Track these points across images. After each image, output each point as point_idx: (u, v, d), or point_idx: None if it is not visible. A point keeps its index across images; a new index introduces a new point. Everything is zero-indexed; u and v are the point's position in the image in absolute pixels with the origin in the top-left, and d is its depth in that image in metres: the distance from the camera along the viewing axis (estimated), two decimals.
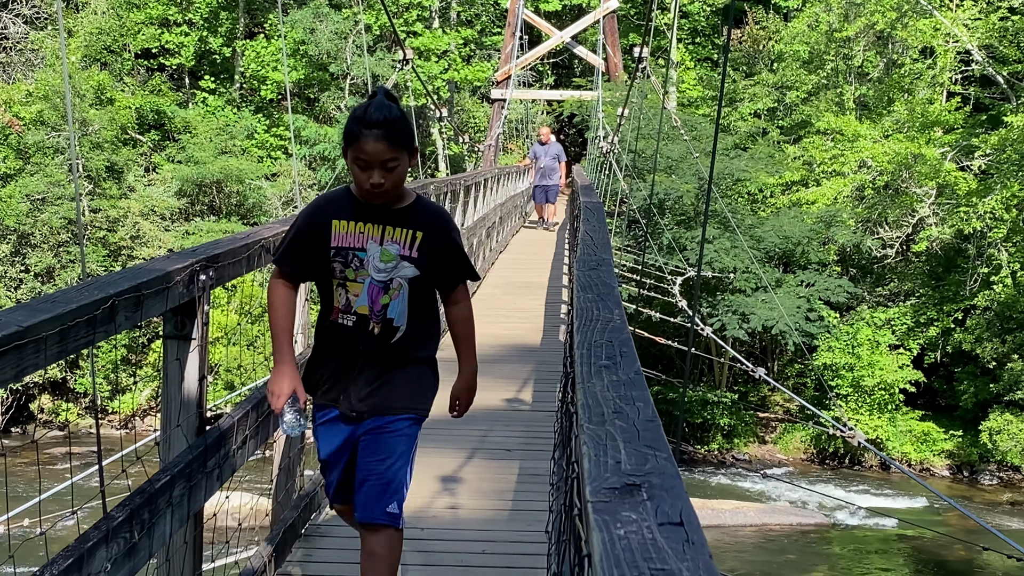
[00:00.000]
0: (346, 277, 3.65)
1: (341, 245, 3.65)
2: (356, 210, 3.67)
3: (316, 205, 3.77)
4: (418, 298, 3.70)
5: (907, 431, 25.13)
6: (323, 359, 3.76)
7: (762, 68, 36.20)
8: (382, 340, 3.67)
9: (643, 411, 2.12)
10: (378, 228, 3.65)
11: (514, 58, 36.11)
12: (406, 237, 3.65)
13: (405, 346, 3.71)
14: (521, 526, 5.83)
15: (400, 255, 3.64)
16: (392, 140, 3.52)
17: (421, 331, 3.74)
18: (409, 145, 3.59)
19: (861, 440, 8.60)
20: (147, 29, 38.74)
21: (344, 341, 3.69)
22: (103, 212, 30.28)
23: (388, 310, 3.66)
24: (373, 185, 3.55)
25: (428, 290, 3.74)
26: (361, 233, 3.65)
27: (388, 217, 3.66)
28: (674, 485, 1.68)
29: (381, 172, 3.54)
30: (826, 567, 19.30)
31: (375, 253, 3.64)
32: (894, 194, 27.94)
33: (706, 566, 1.41)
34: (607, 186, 25.65)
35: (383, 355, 3.69)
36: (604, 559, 1.43)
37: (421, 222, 3.68)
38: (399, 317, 3.67)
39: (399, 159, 3.56)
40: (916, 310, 26.53)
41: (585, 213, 8.27)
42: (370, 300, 3.64)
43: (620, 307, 3.49)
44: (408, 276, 3.65)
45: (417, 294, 3.69)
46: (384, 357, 3.69)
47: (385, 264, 3.64)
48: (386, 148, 3.51)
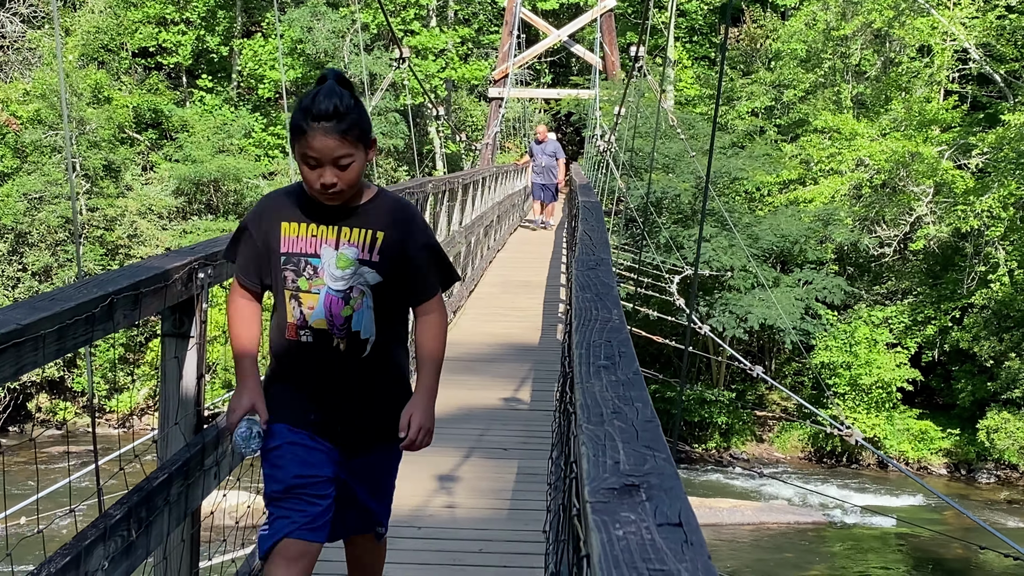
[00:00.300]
0: (299, 287, 3.21)
1: (291, 251, 3.22)
2: (307, 210, 3.23)
3: (262, 206, 3.31)
4: (386, 305, 3.27)
5: (905, 429, 25.14)
6: (284, 379, 3.33)
7: (759, 67, 36.17)
8: (351, 356, 3.25)
9: (642, 411, 2.12)
10: (333, 230, 3.21)
11: (511, 57, 36.10)
12: (364, 238, 3.21)
13: (378, 359, 3.29)
14: (518, 525, 5.83)
15: (359, 259, 3.20)
16: (345, 133, 3.07)
17: (394, 339, 3.33)
18: (365, 137, 3.15)
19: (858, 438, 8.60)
20: (144, 28, 38.70)
21: (307, 362, 3.26)
22: (100, 211, 30.26)
23: (352, 322, 3.22)
24: (324, 186, 3.10)
25: (396, 296, 3.29)
26: (314, 237, 3.22)
27: (344, 217, 3.21)
28: (673, 486, 1.68)
29: (333, 171, 3.10)
30: (824, 565, 19.31)
31: (330, 259, 3.20)
32: (891, 192, 27.95)
33: (705, 567, 1.41)
34: (604, 185, 25.65)
35: (355, 374, 3.27)
36: (603, 560, 1.43)
37: (382, 220, 3.23)
38: (367, 329, 3.24)
39: (354, 155, 3.11)
40: (913, 308, 26.54)
41: (584, 212, 8.27)
42: (328, 313, 3.20)
43: (619, 307, 3.49)
44: (370, 283, 3.22)
45: (384, 302, 3.26)
46: (357, 376, 3.27)
47: (342, 271, 3.20)
48: (338, 143, 3.07)
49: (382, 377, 3.32)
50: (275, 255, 3.24)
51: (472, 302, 14.39)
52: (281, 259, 3.23)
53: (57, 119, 30.62)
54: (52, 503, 14.63)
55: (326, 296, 3.20)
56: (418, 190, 10.71)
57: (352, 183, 3.15)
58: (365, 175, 3.26)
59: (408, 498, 6.16)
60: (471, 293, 14.97)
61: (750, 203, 28.90)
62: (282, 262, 3.23)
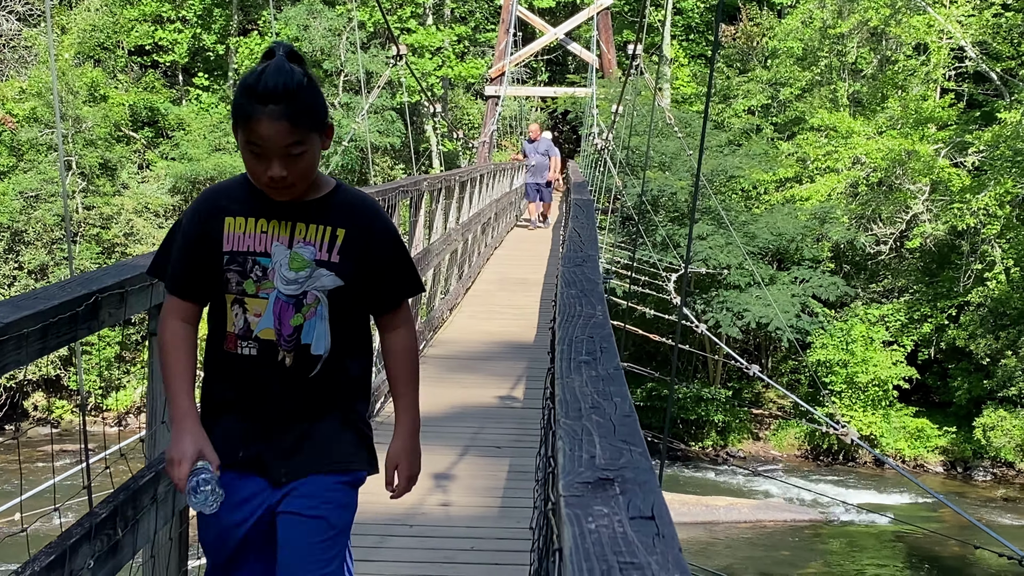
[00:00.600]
0: (244, 291, 2.78)
1: (237, 249, 2.79)
2: (256, 203, 2.80)
3: (204, 198, 2.89)
4: (343, 316, 2.83)
5: (901, 427, 25.15)
6: (217, 403, 2.87)
7: (756, 64, 36.20)
8: (298, 374, 2.80)
9: (620, 406, 2.12)
10: (286, 226, 2.79)
11: (508, 55, 36.10)
12: (322, 236, 2.79)
13: (330, 380, 2.83)
14: (510, 523, 5.84)
15: (315, 260, 2.78)
16: (296, 118, 2.64)
17: (350, 357, 2.87)
18: (319, 122, 2.72)
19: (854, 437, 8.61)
20: (140, 26, 38.69)
21: (246, 378, 2.81)
22: (96, 209, 30.25)
23: (303, 333, 2.78)
24: (272, 179, 2.69)
25: (356, 305, 2.86)
26: (263, 233, 2.79)
27: (299, 212, 2.80)
28: (647, 479, 1.68)
29: (282, 161, 2.67)
30: (820, 563, 19.33)
31: (282, 259, 2.78)
32: (888, 191, 27.96)
33: (675, 560, 1.41)
34: (601, 183, 25.65)
35: (301, 394, 2.81)
36: (574, 553, 1.43)
37: (343, 216, 2.82)
38: (318, 342, 2.80)
39: (306, 143, 2.69)
40: (910, 307, 26.56)
41: (575, 210, 8.28)
42: (277, 321, 2.77)
43: (603, 303, 3.48)
44: (327, 287, 2.79)
45: (341, 311, 2.82)
46: (303, 397, 2.81)
47: (296, 273, 2.77)
48: (288, 129, 2.64)
49: (331, 401, 2.86)
50: (216, 254, 2.81)
51: (468, 299, 14.39)
52: (224, 258, 2.80)
53: (53, 117, 30.61)
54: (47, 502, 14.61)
55: (276, 302, 2.77)
56: (413, 187, 10.71)
57: (305, 176, 2.74)
58: (323, 166, 3.19)
59: (404, 497, 6.16)
60: (468, 290, 14.97)
61: (747, 201, 28.90)
62: (225, 262, 2.80)
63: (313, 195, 2.82)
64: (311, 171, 2.76)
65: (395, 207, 9.36)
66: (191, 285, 2.85)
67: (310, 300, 2.79)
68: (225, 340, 2.83)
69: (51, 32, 5.57)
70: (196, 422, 2.78)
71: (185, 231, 2.86)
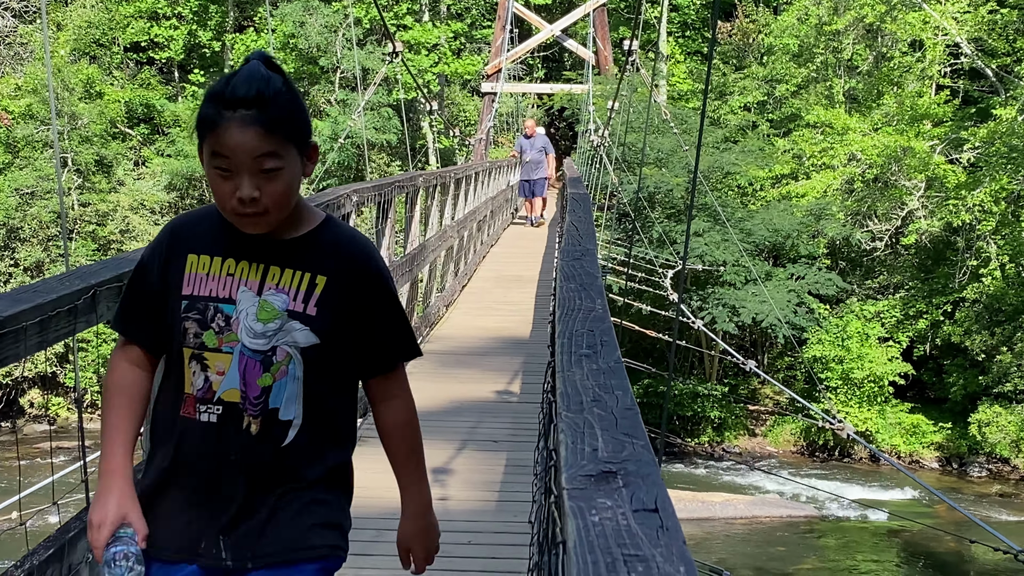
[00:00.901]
0: (203, 344, 2.35)
1: (198, 293, 2.37)
2: (224, 240, 2.39)
3: (168, 229, 2.48)
4: (320, 378, 2.39)
5: (896, 423, 25.18)
6: (169, 477, 2.41)
7: (752, 61, 36.21)
8: (265, 444, 2.36)
9: (622, 399, 2.12)
10: (257, 269, 2.36)
11: (504, 52, 36.08)
12: (298, 283, 2.37)
13: (303, 452, 2.39)
14: (507, 517, 5.85)
15: (288, 310, 2.35)
16: (270, 125, 2.24)
17: (327, 426, 2.43)
18: (300, 136, 2.31)
19: (850, 432, 8.64)
20: (136, 23, 38.65)
21: (203, 448, 2.36)
22: (92, 206, 30.23)
23: (271, 396, 2.35)
24: (242, 201, 2.25)
25: (336, 366, 2.42)
26: (230, 276, 2.37)
27: (273, 252, 2.38)
28: (650, 472, 1.68)
29: (254, 180, 2.25)
30: (816, 559, 19.35)
31: (250, 307, 2.35)
32: (883, 187, 27.98)
33: (679, 552, 1.41)
34: (597, 179, 25.64)
35: (269, 468, 2.37)
36: (578, 545, 1.43)
37: (326, 260, 2.39)
38: (288, 407, 2.36)
39: (283, 158, 2.26)
40: (905, 303, 26.58)
41: (571, 204, 8.28)
42: (242, 381, 2.34)
43: (603, 296, 3.48)
44: (301, 344, 2.35)
45: (318, 373, 2.38)
46: (270, 471, 2.37)
47: (264, 324, 2.34)
48: (260, 136, 2.23)
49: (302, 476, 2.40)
50: (175, 298, 2.39)
51: (465, 296, 14.40)
52: (182, 303, 2.37)
53: (48, 114, 30.58)
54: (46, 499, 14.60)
55: (240, 358, 2.34)
56: (409, 183, 10.71)
57: (281, 202, 2.30)
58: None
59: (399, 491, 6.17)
60: (464, 287, 14.98)
61: (743, 198, 28.93)
62: (183, 308, 2.37)
63: (292, 232, 2.40)
64: (288, 197, 2.31)
65: (391, 203, 9.35)
66: (142, 329, 2.44)
67: (280, 357, 2.35)
68: (183, 404, 2.38)
69: (46, 29, 5.56)
70: (127, 482, 2.36)
71: (143, 264, 2.46)
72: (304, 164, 2.34)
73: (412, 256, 10.31)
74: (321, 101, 38.42)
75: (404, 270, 9.60)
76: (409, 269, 9.95)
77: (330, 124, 34.78)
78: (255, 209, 2.27)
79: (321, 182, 29.97)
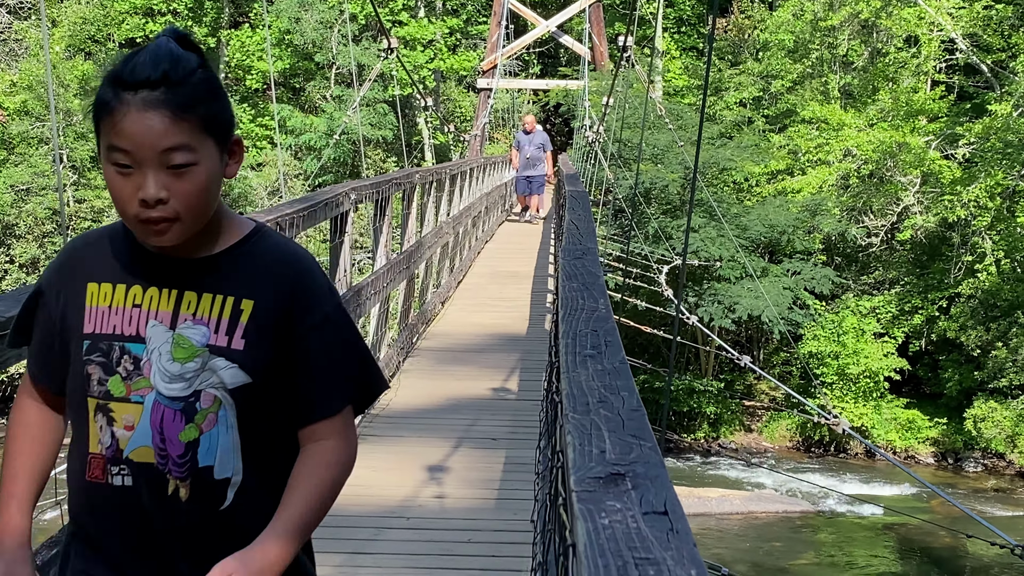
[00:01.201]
0: (109, 393, 1.92)
1: (100, 331, 1.94)
2: (129, 262, 1.96)
3: (63, 257, 2.04)
4: (259, 423, 1.96)
5: (892, 419, 25.22)
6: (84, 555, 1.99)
7: (747, 57, 36.21)
8: (201, 511, 1.93)
9: (628, 400, 2.12)
10: (168, 296, 1.93)
11: (500, 47, 36.07)
12: (220, 310, 1.93)
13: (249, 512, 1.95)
14: (507, 515, 5.85)
15: (209, 345, 1.92)
16: (182, 111, 1.81)
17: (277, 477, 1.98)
18: (219, 126, 1.88)
19: (846, 428, 8.64)
20: (131, 19, 38.59)
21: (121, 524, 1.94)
22: (88, 203, 30.20)
23: (199, 452, 1.91)
24: (145, 203, 1.83)
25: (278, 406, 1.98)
26: (136, 307, 1.94)
27: (188, 274, 1.94)
28: (659, 474, 1.69)
29: (160, 177, 1.81)
30: (812, 554, 19.38)
31: (163, 345, 1.92)
32: (879, 183, 28.02)
33: (690, 555, 1.41)
34: (593, 175, 25.64)
35: (210, 537, 1.94)
36: (588, 548, 1.43)
37: (252, 279, 1.94)
38: (224, 463, 1.93)
39: (197, 151, 1.83)
40: (901, 298, 26.62)
41: (570, 202, 8.28)
42: (158, 436, 1.90)
43: (605, 296, 3.48)
44: (229, 385, 1.92)
45: (256, 417, 1.95)
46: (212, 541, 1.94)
47: (182, 365, 1.91)
48: (167, 121, 1.80)
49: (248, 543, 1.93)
50: (75, 338, 1.96)
51: (460, 292, 14.40)
52: (84, 344, 1.95)
53: (44, 110, 30.56)
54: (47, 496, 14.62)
55: (154, 407, 1.91)
56: (406, 180, 10.71)
57: (196, 206, 1.86)
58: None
59: (397, 488, 6.18)
60: (459, 284, 14.99)
61: (738, 193, 28.94)
62: (85, 349, 1.94)
63: (212, 247, 1.95)
64: (204, 200, 1.87)
65: (388, 200, 9.35)
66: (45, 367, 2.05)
67: (206, 404, 1.91)
68: (88, 466, 1.95)
69: (46, 28, 5.56)
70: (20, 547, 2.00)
71: (40, 291, 2.04)
72: (225, 162, 1.91)
73: (409, 253, 10.31)
74: (317, 97, 38.41)
75: (402, 267, 9.60)
76: (406, 266, 9.95)
77: (326, 120, 34.76)
78: (162, 214, 1.83)
79: (316, 179, 29.96)
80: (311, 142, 35.21)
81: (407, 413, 7.89)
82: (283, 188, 21.44)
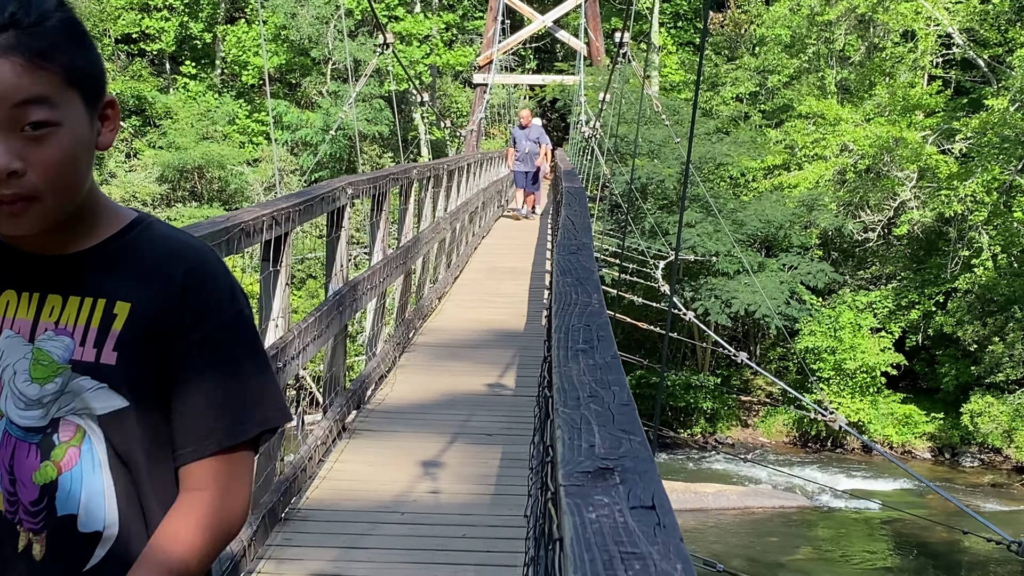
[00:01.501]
0: None
1: None
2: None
3: None
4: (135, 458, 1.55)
5: (889, 414, 25.25)
6: None
7: (744, 52, 36.21)
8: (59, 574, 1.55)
9: (618, 395, 2.12)
10: (29, 301, 1.57)
11: (496, 43, 36.05)
12: (88, 316, 1.55)
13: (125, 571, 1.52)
14: (502, 511, 5.84)
15: (72, 361, 1.54)
16: (38, 57, 1.45)
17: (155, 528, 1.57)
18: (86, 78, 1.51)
19: (842, 424, 8.65)
20: (127, 14, 38.58)
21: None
22: None
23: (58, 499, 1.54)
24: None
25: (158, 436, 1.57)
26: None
27: (52, 272, 1.57)
28: (647, 469, 1.68)
29: (12, 142, 1.44)
30: (809, 549, 19.40)
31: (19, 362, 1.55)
32: (875, 178, 28.03)
33: (676, 549, 1.41)
34: (589, 171, 25.64)
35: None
36: (575, 542, 1.43)
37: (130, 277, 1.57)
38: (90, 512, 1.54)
39: (57, 108, 1.46)
40: (898, 293, 26.64)
41: (567, 198, 8.26)
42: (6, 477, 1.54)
43: (599, 291, 3.47)
44: (98, 411, 1.54)
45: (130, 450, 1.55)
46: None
47: (41, 386, 1.54)
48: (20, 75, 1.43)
49: None
50: None
51: (457, 288, 14.39)
52: None
53: None
54: None
55: (4, 440, 1.55)
56: (403, 176, 10.70)
57: (59, 179, 1.48)
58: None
59: (392, 484, 6.18)
60: (456, 279, 14.97)
61: (735, 189, 28.96)
62: None
63: (83, 240, 1.58)
64: (71, 173, 1.49)
65: (385, 195, 9.34)
66: None
67: (66, 436, 1.54)
68: None
69: None
70: None
71: None
72: (97, 129, 1.54)
73: (406, 248, 10.30)
74: (313, 92, 38.40)
75: (399, 262, 9.59)
76: (403, 262, 9.93)
77: (322, 116, 34.75)
78: (17, 191, 1.45)
79: (313, 174, 29.93)
80: (307, 138, 35.20)
81: (403, 408, 7.88)
82: (279, 184, 21.42)
